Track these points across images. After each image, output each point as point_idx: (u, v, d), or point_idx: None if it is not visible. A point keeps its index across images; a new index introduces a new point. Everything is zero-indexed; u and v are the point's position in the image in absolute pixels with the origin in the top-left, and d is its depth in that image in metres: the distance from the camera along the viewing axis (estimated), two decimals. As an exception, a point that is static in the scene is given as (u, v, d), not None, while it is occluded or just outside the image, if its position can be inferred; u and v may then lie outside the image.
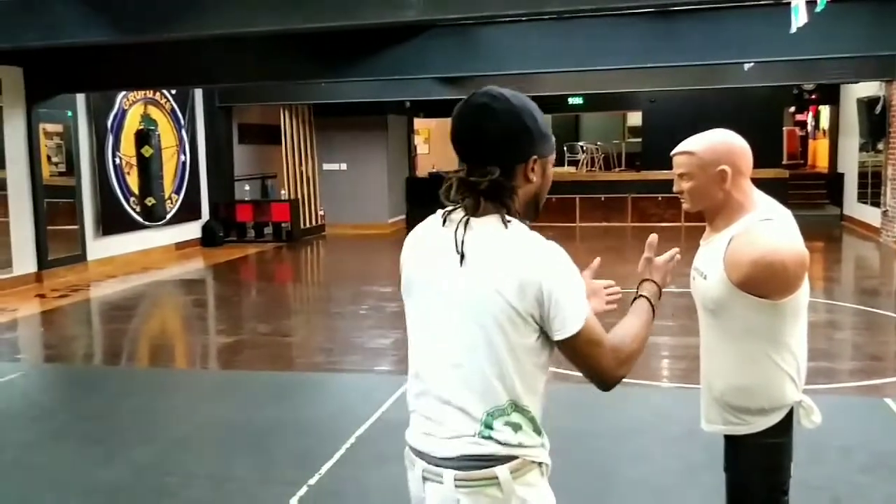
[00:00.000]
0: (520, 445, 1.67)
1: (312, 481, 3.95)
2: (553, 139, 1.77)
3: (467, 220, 1.67)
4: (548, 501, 1.73)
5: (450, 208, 1.72)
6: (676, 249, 2.02)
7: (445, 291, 1.69)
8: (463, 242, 1.65)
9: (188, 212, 13.32)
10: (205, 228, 13.78)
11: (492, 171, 1.65)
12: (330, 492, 3.89)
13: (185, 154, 13.21)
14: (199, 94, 13.61)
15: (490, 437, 1.65)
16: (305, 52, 9.52)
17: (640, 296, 1.91)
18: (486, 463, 1.65)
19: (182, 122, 13.14)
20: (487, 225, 1.66)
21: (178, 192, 13.04)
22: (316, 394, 5.66)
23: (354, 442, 4.48)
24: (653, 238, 2.02)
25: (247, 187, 14.87)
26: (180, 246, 13.08)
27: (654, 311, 1.88)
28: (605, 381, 1.69)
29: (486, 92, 1.70)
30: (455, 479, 1.66)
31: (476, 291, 1.64)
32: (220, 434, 4.75)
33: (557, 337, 1.64)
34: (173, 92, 12.79)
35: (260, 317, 8.53)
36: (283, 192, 14.99)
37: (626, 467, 4.09)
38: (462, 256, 1.65)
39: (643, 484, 3.92)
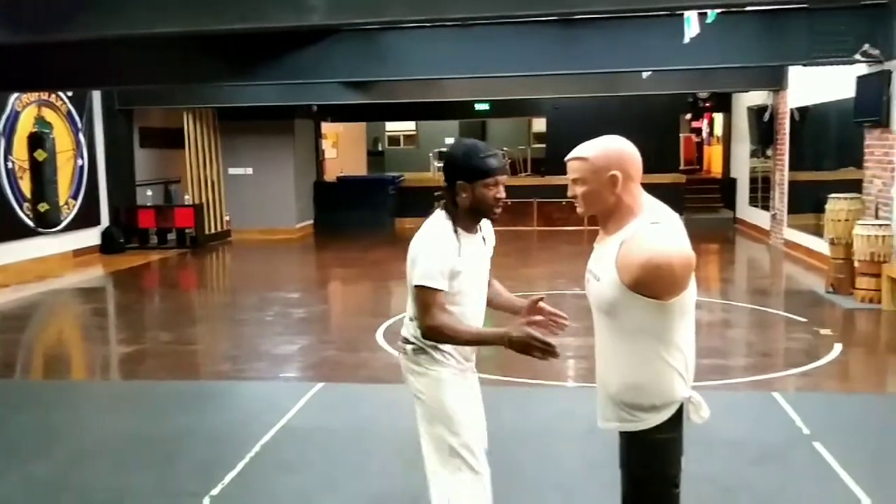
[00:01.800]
0: (414, 336, 2.77)
1: (215, 492, 3.88)
2: (483, 170, 2.66)
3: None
4: (437, 369, 2.75)
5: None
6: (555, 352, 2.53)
7: None
8: None
9: (86, 218, 12.84)
10: (104, 235, 13.31)
11: (445, 189, 2.73)
12: (233, 502, 3.83)
13: (82, 158, 12.75)
14: (97, 96, 13.15)
15: (407, 326, 2.82)
16: (209, 55, 9.34)
17: (508, 334, 2.55)
18: (404, 342, 2.82)
19: (79, 124, 12.67)
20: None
21: (74, 197, 12.56)
22: (220, 402, 5.56)
23: (259, 450, 4.42)
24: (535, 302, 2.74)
25: (149, 192, 14.46)
26: (78, 253, 12.59)
27: (504, 344, 2.56)
28: (420, 324, 2.67)
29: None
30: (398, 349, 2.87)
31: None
32: (121, 447, 4.61)
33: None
34: (69, 94, 12.32)
35: (163, 325, 8.31)
36: (186, 196, 14.64)
37: (532, 466, 4.18)
38: None
39: (547, 482, 4.01)
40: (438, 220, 2.73)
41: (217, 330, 8.19)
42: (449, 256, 2.66)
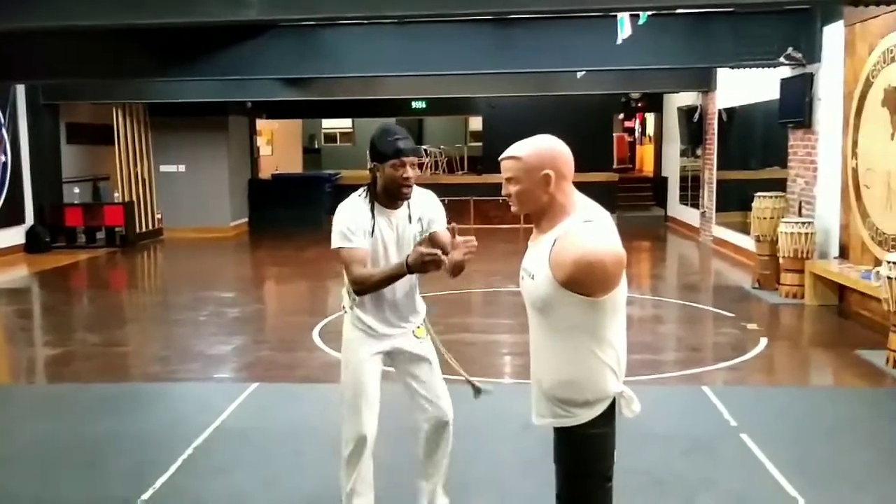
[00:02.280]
0: (344, 301, 3.23)
1: (146, 496, 3.80)
2: (389, 152, 2.95)
3: None
4: (349, 332, 3.19)
5: None
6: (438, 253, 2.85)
7: None
8: None
9: (10, 216, 12.41)
10: (29, 234, 12.89)
11: (370, 169, 3.05)
12: (166, 506, 3.76)
13: (5, 154, 12.31)
14: (20, 90, 12.72)
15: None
16: (140, 49, 9.13)
17: (406, 261, 2.89)
18: None
19: (1, 119, 12.24)
20: None
21: (-3, 194, 12.14)
22: (151, 405, 5.43)
23: (192, 452, 4.34)
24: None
25: (76, 190, 14.03)
26: (1, 253, 12.16)
27: (405, 270, 2.90)
28: (349, 284, 3.06)
29: None
30: None
31: None
32: (47, 452, 4.47)
33: None
34: (-9, 87, 11.91)
35: (91, 326, 8.09)
36: (116, 194, 14.27)
37: (467, 464, 4.19)
38: None
39: (482, 478, 4.04)
40: (354, 195, 3.09)
41: (148, 331, 8.01)
42: (354, 220, 3.00)
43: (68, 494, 3.90)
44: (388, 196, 3.04)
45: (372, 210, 3.04)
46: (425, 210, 3.15)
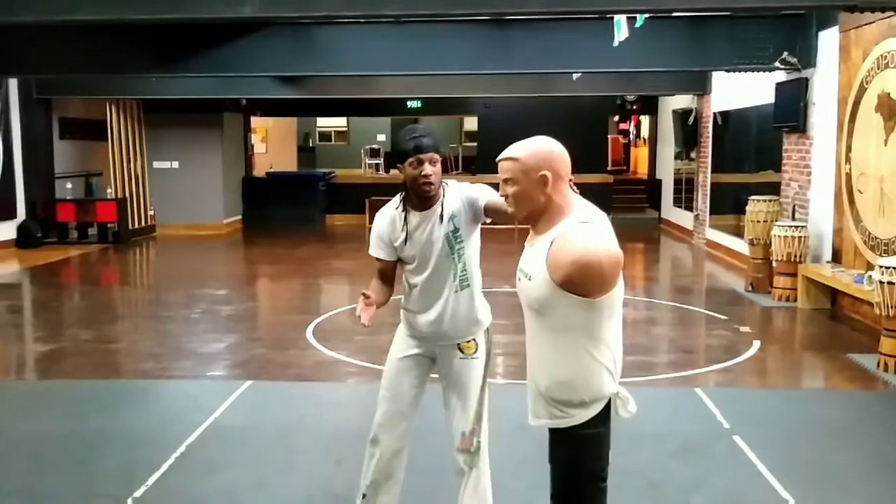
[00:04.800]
0: None
1: (138, 494, 3.79)
2: (405, 151, 2.92)
3: None
4: (399, 327, 3.22)
5: None
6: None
7: None
8: None
9: (1, 211, 12.36)
10: (21, 229, 12.83)
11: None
12: None
13: (-3, 148, 12.27)
14: (13, 84, 12.65)
15: None
16: (135, 44, 9.09)
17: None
18: None
19: (-6, 114, 12.19)
20: None
21: (-12, 189, 12.08)
22: (144, 402, 5.42)
23: (184, 451, 4.33)
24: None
25: (69, 185, 13.98)
26: (-8, 247, 12.13)
27: None
28: None
29: None
30: None
31: None
32: (37, 449, 4.44)
33: None
34: (-17, 81, 11.85)
35: (83, 322, 8.06)
36: (109, 190, 14.22)
37: (460, 463, 4.19)
38: None
39: (476, 478, 4.02)
40: (394, 199, 3.09)
41: (140, 328, 7.98)
42: (385, 230, 3.05)
43: (59, 492, 3.87)
44: (417, 196, 2.99)
45: (406, 216, 3.02)
46: (454, 206, 3.02)
